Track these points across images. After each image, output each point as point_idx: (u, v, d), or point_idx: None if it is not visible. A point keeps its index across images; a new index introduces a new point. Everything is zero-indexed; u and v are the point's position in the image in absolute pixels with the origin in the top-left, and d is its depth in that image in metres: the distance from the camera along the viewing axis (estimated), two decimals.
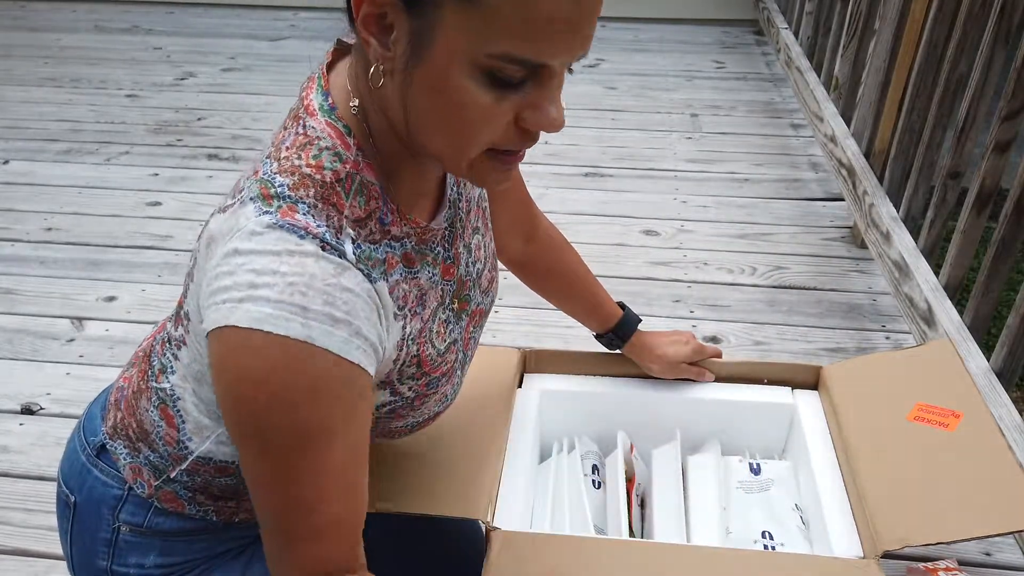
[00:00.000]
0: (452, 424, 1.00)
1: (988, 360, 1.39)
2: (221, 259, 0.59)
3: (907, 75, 1.86)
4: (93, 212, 2.27)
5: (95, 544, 0.80)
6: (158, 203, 2.31)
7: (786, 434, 1.12)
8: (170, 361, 0.74)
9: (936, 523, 0.83)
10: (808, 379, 1.11)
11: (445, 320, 0.74)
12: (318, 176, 0.61)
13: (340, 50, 0.67)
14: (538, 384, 1.12)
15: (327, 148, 0.62)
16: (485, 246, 0.82)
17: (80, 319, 1.85)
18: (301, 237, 0.58)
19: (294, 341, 0.56)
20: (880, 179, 1.97)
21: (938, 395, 0.98)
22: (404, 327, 0.68)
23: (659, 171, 2.45)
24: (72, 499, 0.81)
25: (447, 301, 0.74)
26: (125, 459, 0.79)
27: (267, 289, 0.57)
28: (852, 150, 2.11)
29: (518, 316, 1.79)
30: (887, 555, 0.82)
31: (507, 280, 1.06)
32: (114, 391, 0.83)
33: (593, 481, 1.10)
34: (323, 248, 0.59)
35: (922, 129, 1.77)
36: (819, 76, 2.58)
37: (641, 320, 1.10)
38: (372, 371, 0.62)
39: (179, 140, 2.67)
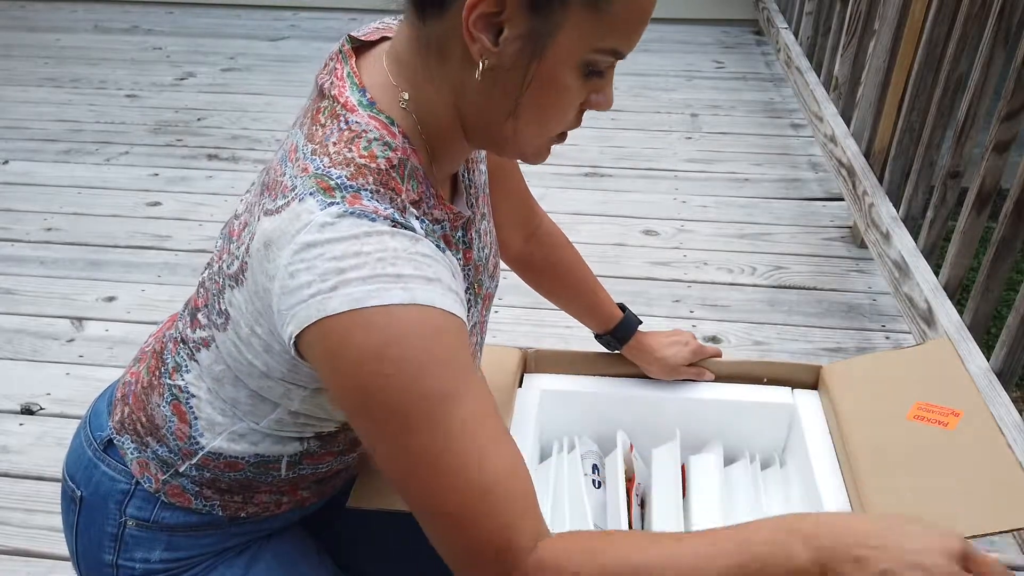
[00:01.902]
0: None
1: (988, 360, 1.39)
2: (292, 256, 0.59)
3: (907, 75, 1.86)
4: (93, 212, 2.27)
5: (101, 538, 0.80)
6: (158, 203, 2.31)
7: (786, 434, 1.12)
8: (184, 360, 0.75)
9: (936, 522, 0.83)
10: (808, 379, 1.11)
11: (468, 303, 0.74)
12: (373, 165, 0.62)
13: (360, 47, 0.69)
14: (538, 384, 1.12)
15: (376, 139, 0.63)
16: (490, 232, 0.83)
17: (80, 319, 1.85)
18: (372, 220, 0.59)
19: (400, 307, 0.57)
20: (880, 179, 1.97)
21: (938, 394, 0.98)
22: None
23: (659, 171, 2.45)
24: (78, 493, 0.81)
25: (467, 285, 0.75)
26: (132, 453, 0.79)
27: (356, 271, 0.57)
28: (852, 150, 2.11)
29: (518, 316, 1.79)
30: None
31: (507, 280, 1.06)
32: (120, 386, 0.84)
33: (593, 481, 1.10)
34: (394, 226, 0.60)
35: (922, 129, 1.78)
36: (819, 76, 2.58)
37: (641, 322, 1.10)
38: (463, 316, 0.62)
39: (179, 140, 2.67)
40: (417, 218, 0.63)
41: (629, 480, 1.10)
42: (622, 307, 1.09)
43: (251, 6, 3.83)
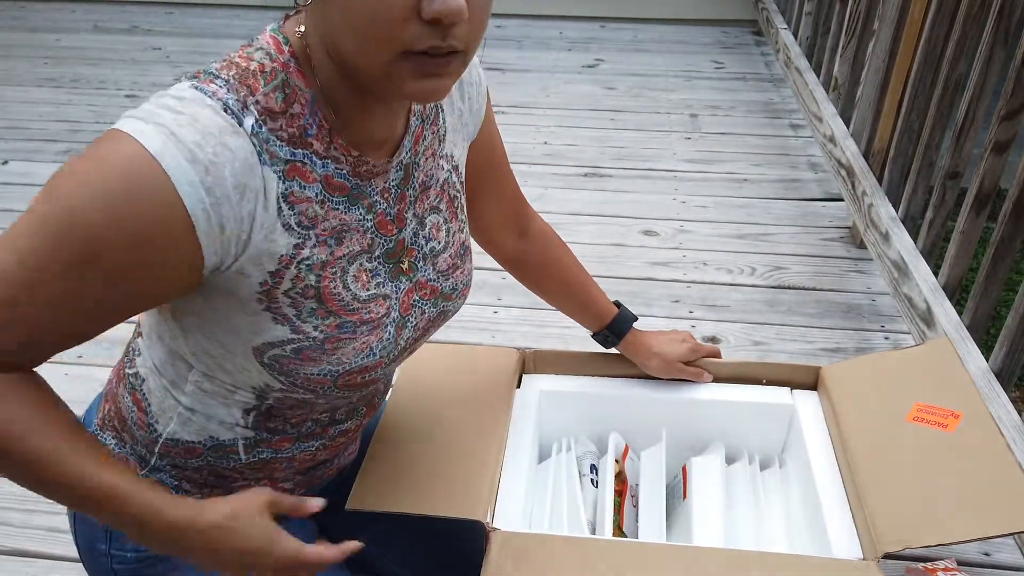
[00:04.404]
0: (453, 424, 1.00)
1: (987, 360, 1.39)
2: None
3: (906, 75, 1.86)
4: None
5: (94, 530, 0.82)
6: None
7: (785, 435, 1.12)
8: (136, 344, 0.79)
9: (936, 524, 0.83)
10: (807, 379, 1.11)
11: (371, 270, 0.74)
12: (244, 64, 0.64)
13: None
14: (537, 385, 1.12)
15: (261, 48, 0.66)
16: (448, 231, 0.82)
17: None
18: (207, 96, 0.61)
19: (144, 150, 0.58)
20: (879, 179, 1.97)
21: (937, 395, 0.98)
22: (299, 247, 0.67)
23: (658, 171, 2.45)
24: None
25: (377, 252, 0.74)
26: (115, 450, 0.82)
27: (157, 117, 0.59)
28: (851, 150, 2.11)
29: (517, 316, 1.79)
30: (886, 556, 0.82)
31: (505, 280, 1.06)
32: (105, 384, 0.87)
33: (592, 480, 1.10)
34: (224, 110, 0.61)
35: (921, 129, 1.78)
36: (818, 76, 2.58)
37: (637, 318, 1.10)
38: (203, 239, 0.61)
39: None
40: (257, 120, 0.63)
41: (623, 482, 1.10)
42: (617, 304, 1.09)
43: (251, 6, 3.83)
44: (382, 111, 0.69)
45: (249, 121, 0.62)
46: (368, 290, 0.74)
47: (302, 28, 0.66)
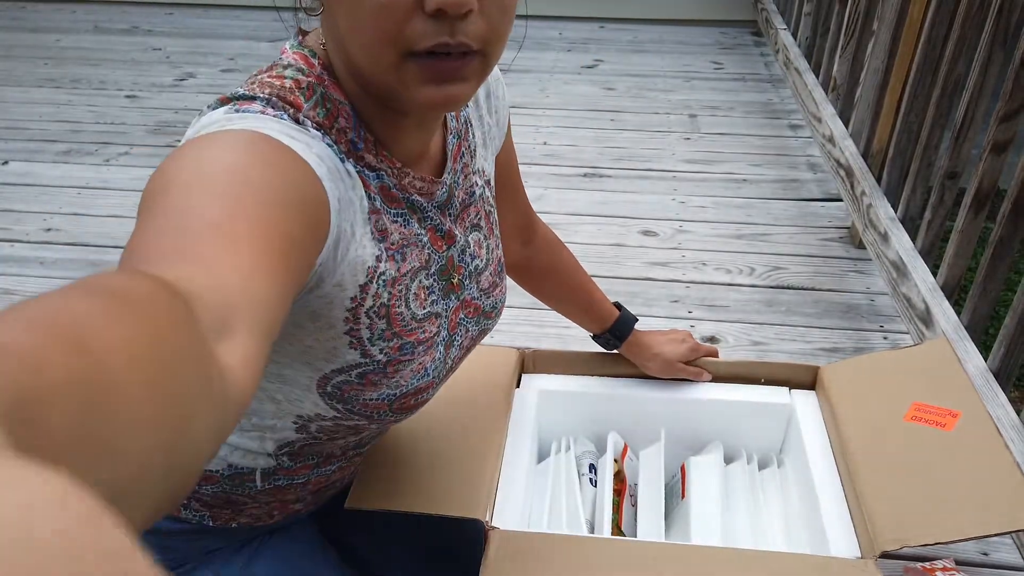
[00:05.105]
0: (452, 423, 1.00)
1: (986, 360, 1.39)
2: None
3: (905, 76, 1.86)
4: (93, 213, 2.27)
5: None
6: None
7: (783, 434, 1.12)
8: None
9: (934, 523, 0.83)
10: (806, 379, 1.11)
11: (428, 287, 0.71)
12: (278, 83, 0.59)
13: None
14: (536, 384, 1.12)
15: (290, 65, 0.61)
16: (488, 248, 0.81)
17: None
18: (257, 115, 0.55)
19: (248, 131, 0.52)
20: (878, 180, 1.97)
21: (935, 394, 0.98)
22: (379, 259, 0.64)
23: (657, 171, 2.45)
24: None
25: (433, 269, 0.72)
26: None
27: (208, 128, 0.53)
28: (850, 151, 2.12)
29: (517, 316, 1.80)
30: (884, 555, 0.83)
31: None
32: None
33: (590, 480, 1.11)
34: (283, 119, 0.56)
35: (920, 130, 1.78)
36: (817, 77, 2.58)
37: (638, 320, 1.10)
38: (330, 195, 0.55)
39: (178, 141, 2.65)
40: (318, 130, 0.59)
41: (622, 482, 1.11)
42: (618, 306, 1.10)
43: (251, 7, 3.83)
44: (412, 126, 0.65)
45: (313, 130, 0.58)
46: (424, 308, 0.71)
47: (324, 41, 0.63)
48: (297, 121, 0.58)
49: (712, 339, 1.75)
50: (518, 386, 1.12)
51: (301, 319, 0.62)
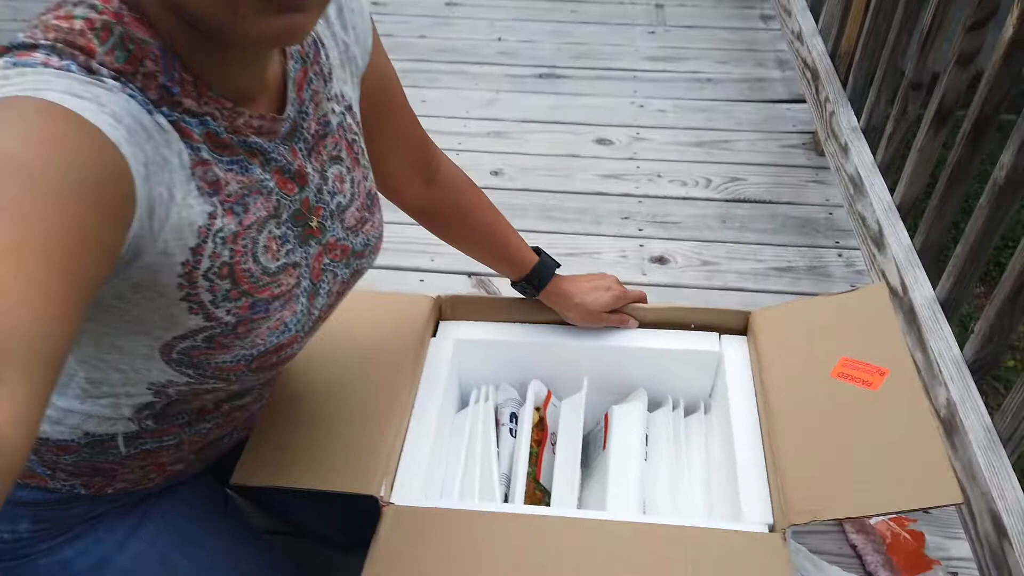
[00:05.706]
0: (354, 382, 0.94)
1: (935, 290, 1.34)
2: None
3: None
4: None
5: None
6: None
7: (712, 382, 1.07)
8: None
9: (847, 496, 0.79)
10: (737, 324, 1.05)
11: (280, 237, 0.65)
12: (65, 25, 0.51)
13: None
14: (453, 332, 1.06)
15: (81, 2, 0.53)
16: (352, 181, 0.74)
17: None
18: (36, 67, 0.48)
19: (22, 101, 0.45)
20: (844, 83, 1.86)
21: (866, 348, 0.93)
22: (212, 216, 0.58)
23: (618, 71, 2.31)
24: None
25: (284, 216, 0.66)
26: None
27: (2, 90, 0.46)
28: (818, 49, 1.99)
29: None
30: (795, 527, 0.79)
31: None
32: None
33: (510, 430, 1.06)
34: (70, 71, 0.49)
35: (888, 32, 1.65)
36: None
37: (559, 265, 1.03)
38: (130, 160, 0.48)
39: None
40: (115, 79, 0.51)
41: (543, 431, 1.07)
42: (537, 251, 1.02)
43: None
44: (238, 59, 0.58)
45: (110, 79, 0.51)
46: (279, 260, 0.65)
47: None
48: (89, 70, 0.50)
49: (661, 259, 1.68)
50: (434, 335, 1.06)
51: (122, 291, 0.56)
